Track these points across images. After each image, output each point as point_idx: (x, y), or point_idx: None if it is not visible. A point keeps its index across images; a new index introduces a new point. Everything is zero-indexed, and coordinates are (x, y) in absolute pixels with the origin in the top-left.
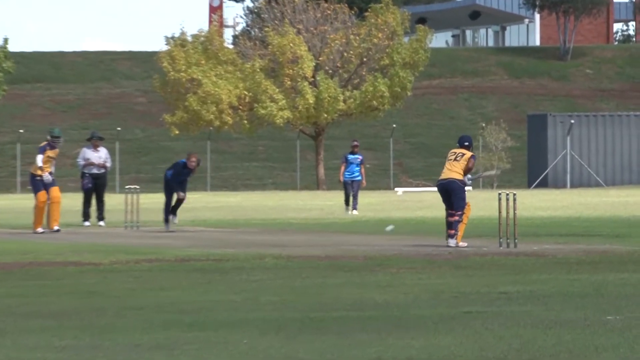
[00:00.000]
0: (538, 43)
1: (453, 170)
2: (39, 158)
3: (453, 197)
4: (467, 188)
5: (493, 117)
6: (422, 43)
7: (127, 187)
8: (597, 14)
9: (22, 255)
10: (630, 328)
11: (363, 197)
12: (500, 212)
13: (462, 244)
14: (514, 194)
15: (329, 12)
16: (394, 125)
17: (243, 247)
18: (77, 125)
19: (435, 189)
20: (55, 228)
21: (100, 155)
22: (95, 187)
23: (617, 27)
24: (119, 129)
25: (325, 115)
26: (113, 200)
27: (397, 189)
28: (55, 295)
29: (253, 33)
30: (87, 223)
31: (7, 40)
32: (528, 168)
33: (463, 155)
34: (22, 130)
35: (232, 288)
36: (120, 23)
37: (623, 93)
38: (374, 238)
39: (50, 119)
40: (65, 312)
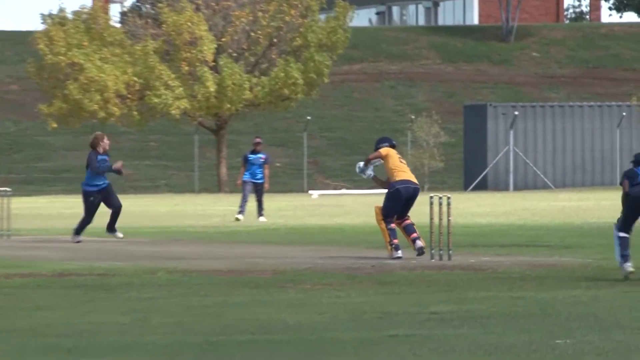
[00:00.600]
0: (476, 22)
1: (410, 173)
2: None
3: (412, 203)
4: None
5: (424, 108)
6: (341, 21)
7: None
8: None
9: None
10: (583, 354)
11: (272, 201)
12: (432, 218)
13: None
14: (448, 198)
15: None
16: (309, 118)
17: (132, 259)
18: None
19: (356, 192)
20: None
21: None
22: None
23: (567, 3)
24: None
25: (229, 106)
26: None
27: (312, 192)
28: None
29: (144, 10)
30: None
31: None
32: (464, 167)
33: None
34: None
35: (119, 308)
36: None
37: (575, 80)
38: (285, 249)
39: None
40: None
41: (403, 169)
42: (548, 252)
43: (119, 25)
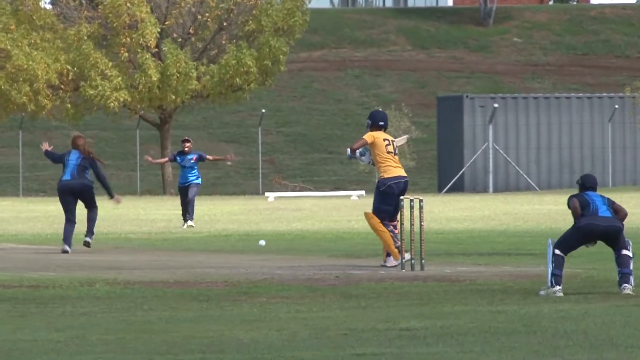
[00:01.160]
0: (451, 3)
1: (401, 167)
2: None
3: (401, 199)
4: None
5: (392, 99)
6: (299, 3)
7: None
8: None
9: None
10: None
11: (223, 204)
12: (402, 223)
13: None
14: (420, 200)
15: None
16: (263, 111)
17: (67, 270)
18: None
19: (317, 194)
20: None
21: None
22: None
23: None
24: None
25: (173, 97)
26: None
27: (267, 194)
28: None
29: None
30: None
31: None
32: (438, 166)
33: (395, 145)
34: None
35: (52, 323)
36: None
37: (561, 68)
38: (238, 258)
39: None
40: None
41: (391, 162)
42: (532, 261)
43: (50, 7)
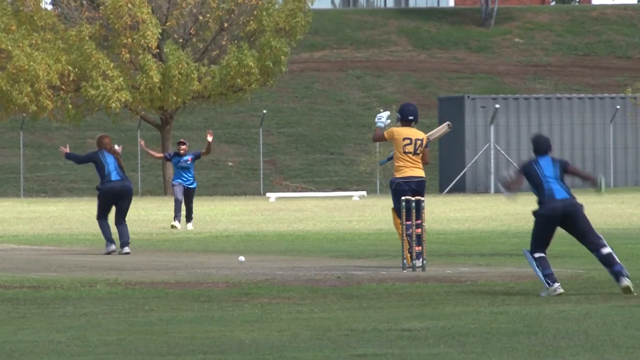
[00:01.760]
0: (452, 4)
1: (419, 167)
2: None
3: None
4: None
5: (393, 100)
6: (301, 3)
7: None
8: None
9: None
10: None
11: (224, 205)
12: (403, 224)
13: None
14: (422, 201)
15: None
16: (265, 111)
17: (68, 270)
18: None
19: (315, 194)
20: None
21: None
22: None
23: None
24: None
25: (175, 98)
26: None
27: (269, 195)
28: None
29: None
30: None
31: None
32: (439, 167)
33: (421, 144)
34: None
35: (53, 324)
36: None
37: (563, 69)
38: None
39: None
40: None
41: (406, 162)
42: None
43: (51, 8)
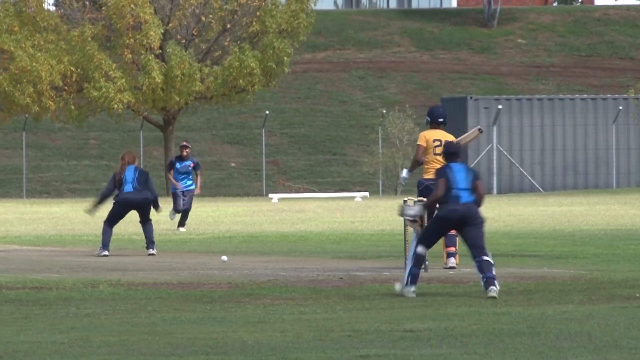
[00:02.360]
0: (455, 5)
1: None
2: None
3: None
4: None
5: (396, 101)
6: (303, 4)
7: None
8: None
9: None
10: None
11: (227, 206)
12: (407, 225)
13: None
14: (423, 201)
15: None
16: (267, 112)
17: (70, 271)
18: None
19: (318, 195)
20: None
21: None
22: None
23: None
24: None
25: (177, 99)
26: None
27: (272, 196)
28: None
29: None
30: None
31: None
32: None
33: None
34: None
35: (56, 325)
36: None
37: (566, 70)
38: (242, 260)
39: None
40: None
41: (436, 163)
42: (536, 262)
43: (54, 9)
